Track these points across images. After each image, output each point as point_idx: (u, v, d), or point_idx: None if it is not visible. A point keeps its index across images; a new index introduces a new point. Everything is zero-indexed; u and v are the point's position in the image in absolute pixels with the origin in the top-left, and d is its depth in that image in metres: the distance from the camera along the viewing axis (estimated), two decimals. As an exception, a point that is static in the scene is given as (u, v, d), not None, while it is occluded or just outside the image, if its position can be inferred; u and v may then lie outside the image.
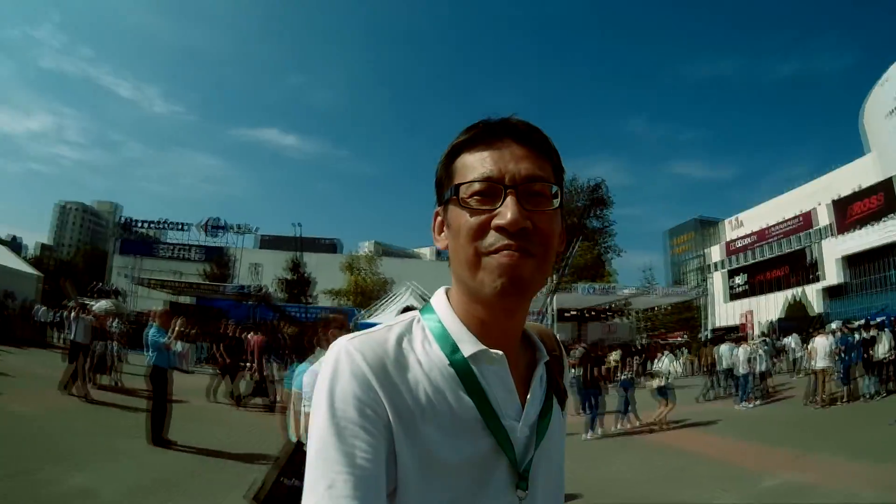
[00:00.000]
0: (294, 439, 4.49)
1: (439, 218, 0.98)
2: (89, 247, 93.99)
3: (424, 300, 14.72)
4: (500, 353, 0.92)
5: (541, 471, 0.94)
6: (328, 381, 0.84)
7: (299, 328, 18.67)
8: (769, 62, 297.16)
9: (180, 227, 59.39)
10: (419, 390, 0.86)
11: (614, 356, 18.31)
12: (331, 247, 55.65)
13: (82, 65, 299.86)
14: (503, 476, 0.89)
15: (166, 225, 60.21)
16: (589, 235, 46.45)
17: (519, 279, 0.86)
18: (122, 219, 68.24)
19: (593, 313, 41.96)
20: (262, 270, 51.47)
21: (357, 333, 0.90)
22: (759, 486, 7.45)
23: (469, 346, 0.91)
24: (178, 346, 14.29)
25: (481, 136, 0.92)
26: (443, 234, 0.97)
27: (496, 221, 0.86)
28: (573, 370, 15.05)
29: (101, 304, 15.27)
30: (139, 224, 62.12)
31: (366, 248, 75.74)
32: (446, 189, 0.94)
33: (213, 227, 57.41)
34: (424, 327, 0.95)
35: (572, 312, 40.32)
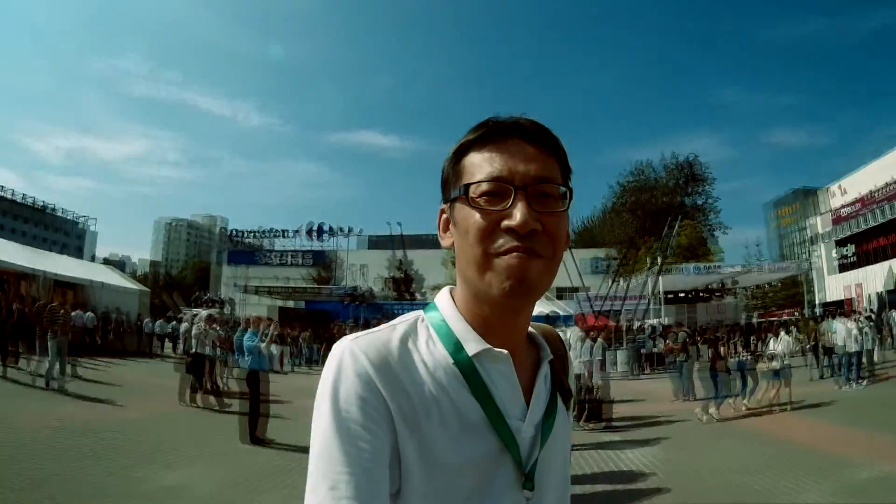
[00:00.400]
0: None
1: (444, 216, 0.98)
2: (197, 260, 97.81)
3: None
4: (505, 352, 0.92)
5: (546, 470, 0.94)
6: (331, 380, 0.85)
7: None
8: (856, 17, 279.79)
9: (284, 234, 60.66)
10: (423, 390, 0.86)
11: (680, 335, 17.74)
12: (436, 243, 56.95)
13: (173, 89, 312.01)
14: (509, 476, 0.89)
15: (270, 233, 61.88)
16: (690, 214, 45.07)
17: (527, 281, 0.87)
18: (228, 231, 70.91)
19: (700, 294, 40.93)
20: (367, 271, 52.79)
21: (360, 333, 0.91)
22: (854, 478, 6.94)
23: (474, 345, 0.91)
24: (273, 350, 15.09)
25: (490, 135, 0.93)
26: (448, 232, 0.97)
27: (506, 223, 0.87)
28: (681, 355, 15.12)
29: (201, 314, 16.32)
30: (244, 234, 64.35)
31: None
32: (454, 187, 0.94)
33: (318, 231, 57.98)
34: (429, 326, 0.94)
35: (680, 294, 39.59)
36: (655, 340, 24.04)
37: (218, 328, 14.22)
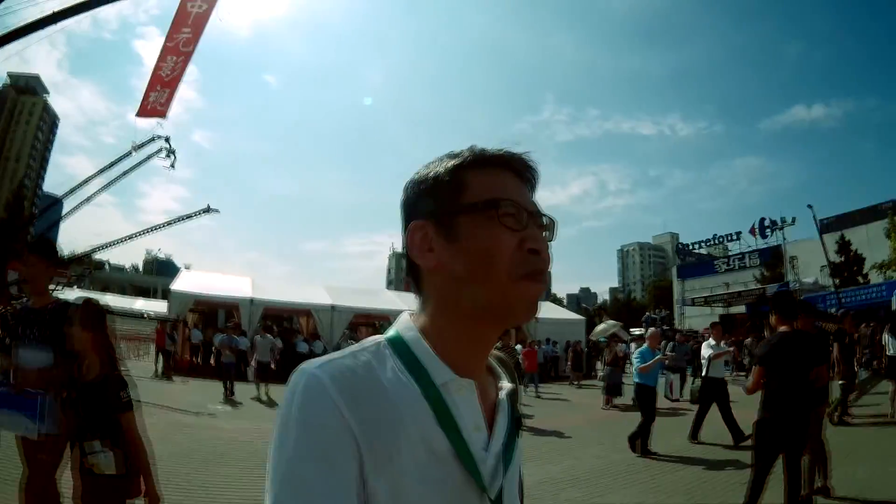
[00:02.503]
0: None
1: (424, 232, 0.92)
2: (653, 280, 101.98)
3: None
4: (472, 381, 0.90)
5: (508, 497, 0.93)
6: (294, 411, 0.79)
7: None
8: None
9: (729, 238, 59.23)
10: (391, 421, 0.81)
11: None
12: (876, 215, 47.68)
13: (595, 123, 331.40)
14: None
15: (714, 240, 61.33)
16: None
17: (536, 304, 0.89)
18: (678, 245, 72.01)
19: None
20: (798, 261, 47.79)
21: (321, 359, 0.85)
22: None
23: (440, 375, 0.87)
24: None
25: (496, 159, 0.92)
26: (432, 251, 0.91)
27: (531, 244, 0.87)
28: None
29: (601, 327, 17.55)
30: (691, 246, 65.22)
31: None
32: (454, 203, 0.90)
33: (759, 228, 53.89)
34: (392, 354, 0.89)
35: None
36: None
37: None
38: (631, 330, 38.05)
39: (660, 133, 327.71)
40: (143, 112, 18.41)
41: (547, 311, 30.31)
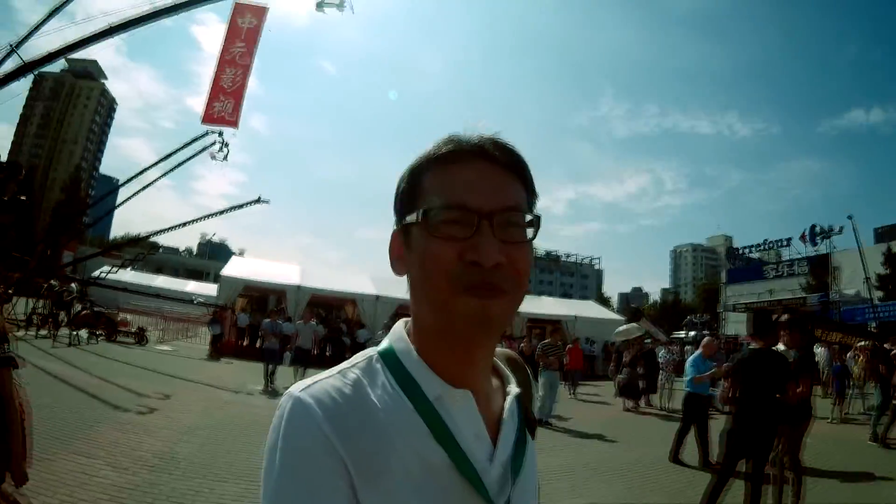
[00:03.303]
0: None
1: (398, 241, 0.90)
2: (703, 282, 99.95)
3: None
4: (468, 391, 0.86)
5: None
6: (279, 438, 0.78)
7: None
8: None
9: (779, 243, 58.60)
10: (383, 441, 0.79)
11: None
12: None
13: (652, 121, 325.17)
14: None
15: (765, 245, 60.75)
16: None
17: (490, 320, 0.81)
18: (729, 249, 71.11)
19: None
20: (854, 270, 46.44)
21: (308, 381, 0.83)
22: None
23: (434, 387, 0.84)
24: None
25: (453, 155, 0.85)
26: (401, 260, 0.90)
27: (469, 255, 0.79)
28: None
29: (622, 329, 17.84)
30: (742, 250, 64.55)
31: None
32: (411, 211, 0.86)
33: (810, 235, 53.09)
34: (384, 368, 0.87)
35: None
36: None
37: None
38: (674, 333, 37.94)
39: (718, 132, 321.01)
40: (210, 119, 19.12)
41: (585, 309, 30.73)
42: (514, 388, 0.97)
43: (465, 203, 0.81)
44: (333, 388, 0.81)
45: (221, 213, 23.92)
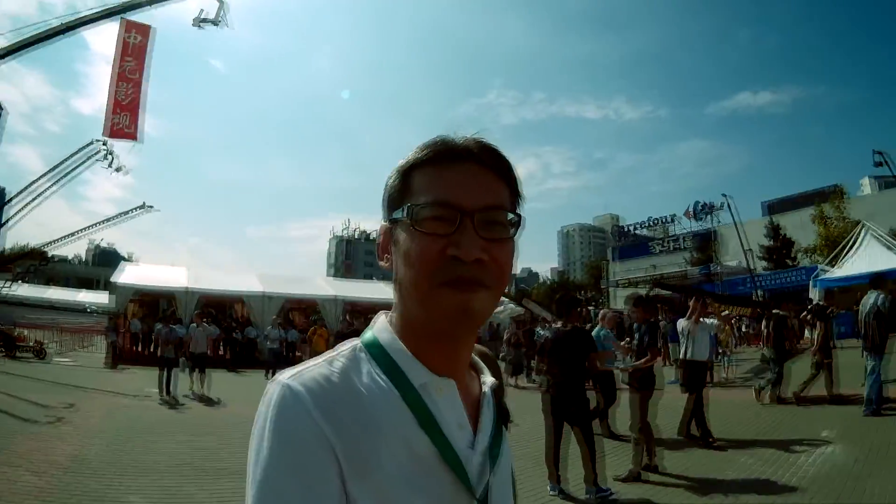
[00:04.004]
0: None
1: (387, 235, 0.93)
2: (592, 260, 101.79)
3: (883, 242, 19.00)
4: (451, 380, 0.89)
5: (497, 495, 0.91)
6: (268, 425, 0.77)
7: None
8: None
9: (664, 220, 59.72)
10: (370, 429, 0.79)
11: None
12: (804, 202, 49.81)
13: (540, 106, 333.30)
14: None
15: (650, 222, 61.82)
16: None
17: (470, 313, 0.83)
18: (615, 227, 72.58)
19: None
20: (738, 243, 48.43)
21: (295, 368, 0.84)
22: None
23: (419, 376, 0.86)
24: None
25: (440, 156, 0.88)
26: (388, 253, 0.93)
27: (451, 251, 0.82)
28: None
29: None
30: (628, 228, 65.66)
31: (865, 186, 64.04)
32: (398, 207, 0.89)
33: (694, 211, 55.05)
34: (369, 358, 0.88)
35: None
36: None
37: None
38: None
39: (605, 116, 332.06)
40: (111, 133, 19.39)
41: None
42: (489, 380, 1.01)
43: (448, 200, 0.84)
44: (321, 375, 0.82)
45: (110, 220, 23.98)
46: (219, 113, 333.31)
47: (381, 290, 30.14)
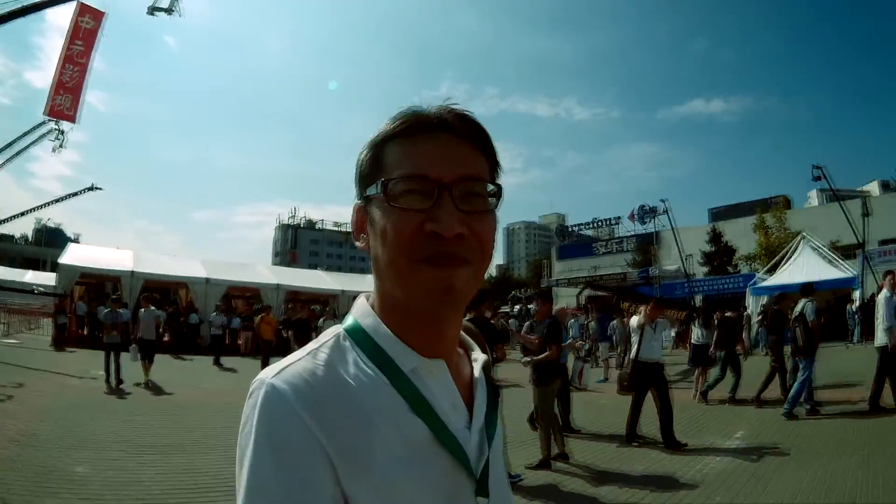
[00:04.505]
0: None
1: (360, 214, 0.89)
2: (536, 258, 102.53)
3: (820, 253, 20.41)
4: (441, 361, 0.87)
5: (493, 472, 0.88)
6: (254, 429, 0.74)
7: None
8: None
9: (608, 222, 59.87)
10: (362, 423, 0.76)
11: None
12: (747, 211, 51.27)
13: (492, 102, 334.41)
14: (464, 489, 0.83)
15: (595, 223, 61.63)
16: None
17: (453, 290, 0.80)
18: (559, 227, 72.77)
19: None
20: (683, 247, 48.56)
21: (278, 365, 0.81)
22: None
23: (407, 360, 0.83)
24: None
25: (412, 127, 0.84)
26: (364, 233, 0.89)
27: (429, 226, 0.79)
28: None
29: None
30: (573, 228, 65.91)
31: (812, 199, 62.84)
32: (371, 183, 0.85)
33: (639, 214, 54.83)
34: (353, 345, 0.85)
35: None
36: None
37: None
38: (501, 307, 40.46)
39: (556, 115, 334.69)
40: (52, 112, 19.73)
41: (355, 283, 31.53)
42: (480, 356, 1.00)
43: (424, 173, 0.80)
44: (307, 370, 0.78)
45: (58, 200, 24.04)
46: (170, 91, 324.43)
47: (322, 280, 31.01)
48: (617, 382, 9.34)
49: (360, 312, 0.90)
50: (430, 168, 0.81)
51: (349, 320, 0.90)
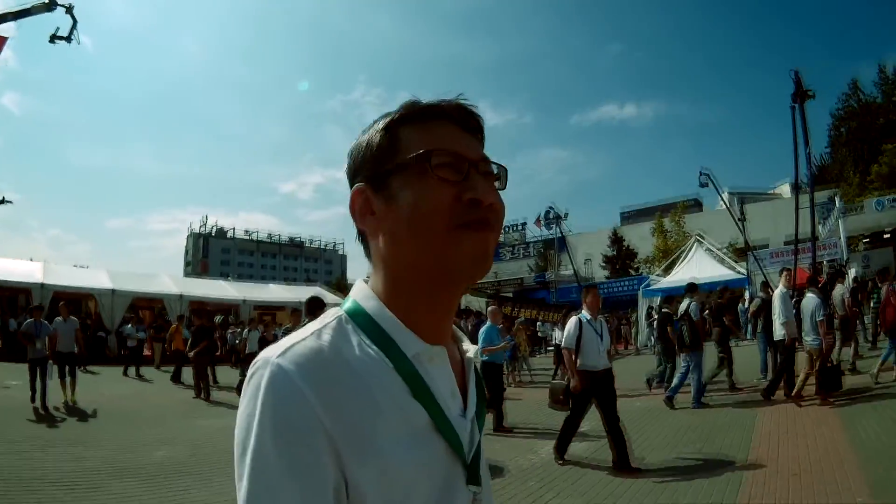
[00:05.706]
0: None
1: (364, 196, 0.88)
2: None
3: (712, 251, 23.12)
4: (443, 348, 0.88)
5: (481, 461, 0.91)
6: (258, 407, 0.73)
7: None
8: None
9: (516, 227, 58.95)
10: (368, 406, 0.77)
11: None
12: (647, 214, 53.15)
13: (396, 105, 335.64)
14: (458, 476, 0.85)
15: (504, 228, 60.37)
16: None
17: (487, 255, 0.84)
18: None
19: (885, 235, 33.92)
20: (585, 251, 49.95)
21: (282, 345, 0.79)
22: None
23: (411, 345, 0.84)
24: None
25: (426, 113, 0.89)
26: (372, 215, 0.88)
27: (469, 194, 0.82)
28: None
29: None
30: None
31: (723, 200, 68.26)
32: (388, 163, 0.86)
33: (545, 219, 52.34)
34: (356, 328, 0.85)
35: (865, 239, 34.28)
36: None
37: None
38: None
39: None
40: None
41: (309, 294, 31.10)
42: (471, 347, 1.00)
43: (456, 149, 0.85)
44: (312, 350, 0.78)
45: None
46: (85, 94, 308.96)
47: (225, 290, 31.24)
48: (549, 396, 7.96)
49: (362, 295, 0.90)
50: (456, 146, 0.86)
51: (349, 303, 0.90)
